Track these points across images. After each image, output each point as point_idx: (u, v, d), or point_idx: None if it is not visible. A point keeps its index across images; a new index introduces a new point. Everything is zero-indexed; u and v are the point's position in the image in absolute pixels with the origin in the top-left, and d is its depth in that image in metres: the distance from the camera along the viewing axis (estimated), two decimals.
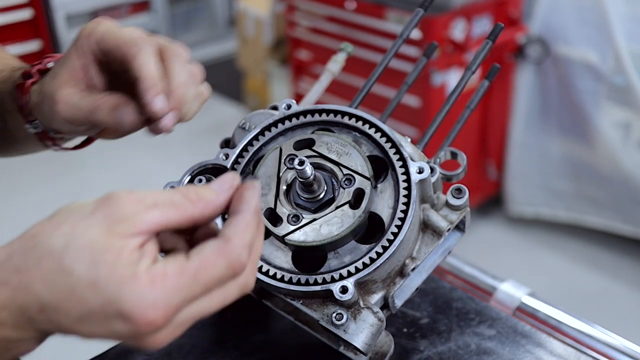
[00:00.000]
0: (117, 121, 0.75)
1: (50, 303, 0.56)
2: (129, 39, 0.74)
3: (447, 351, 0.93)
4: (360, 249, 0.78)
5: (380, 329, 0.78)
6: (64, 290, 0.55)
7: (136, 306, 0.54)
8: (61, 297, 0.55)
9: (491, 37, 0.92)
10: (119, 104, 0.75)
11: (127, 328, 0.55)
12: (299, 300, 0.79)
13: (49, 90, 0.79)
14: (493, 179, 3.55)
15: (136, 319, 0.54)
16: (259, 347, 0.96)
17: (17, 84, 0.87)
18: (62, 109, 0.78)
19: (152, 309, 0.54)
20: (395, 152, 0.82)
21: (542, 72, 3.24)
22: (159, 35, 0.79)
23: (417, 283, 0.86)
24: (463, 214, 0.84)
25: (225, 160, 0.84)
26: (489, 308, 1.02)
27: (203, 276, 0.57)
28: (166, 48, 0.76)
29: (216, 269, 0.57)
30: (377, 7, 3.10)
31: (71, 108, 0.77)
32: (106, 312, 0.55)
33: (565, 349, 0.95)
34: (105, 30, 0.76)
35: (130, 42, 0.74)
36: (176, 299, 0.55)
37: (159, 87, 0.72)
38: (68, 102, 0.77)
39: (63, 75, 0.78)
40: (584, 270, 3.25)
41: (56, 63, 0.82)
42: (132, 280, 0.54)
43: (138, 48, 0.73)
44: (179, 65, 0.75)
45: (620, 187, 3.17)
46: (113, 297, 0.54)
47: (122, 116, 0.74)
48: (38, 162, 4.17)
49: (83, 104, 0.77)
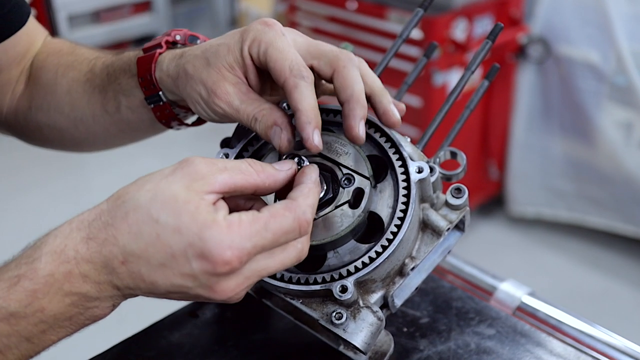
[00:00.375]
0: (270, 139, 0.76)
1: (136, 251, 0.62)
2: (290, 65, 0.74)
3: (446, 350, 0.93)
4: (359, 249, 0.79)
5: (380, 328, 0.78)
6: (149, 237, 0.62)
7: (215, 246, 0.61)
8: (147, 244, 0.62)
9: (491, 37, 0.92)
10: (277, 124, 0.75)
11: (206, 267, 0.62)
12: (298, 300, 0.79)
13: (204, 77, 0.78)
14: (494, 179, 3.55)
15: (215, 258, 0.61)
16: (259, 346, 0.96)
17: (139, 57, 0.88)
18: (220, 105, 0.78)
19: (229, 250, 0.61)
20: (394, 152, 0.82)
21: (544, 72, 3.24)
22: None
23: (416, 282, 0.86)
24: (463, 213, 0.84)
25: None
26: (488, 307, 1.02)
27: (272, 225, 0.64)
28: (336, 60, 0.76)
29: (285, 220, 0.65)
30: (378, 7, 3.10)
31: (230, 108, 0.77)
32: (187, 254, 0.62)
33: (565, 349, 0.95)
34: (270, 43, 0.75)
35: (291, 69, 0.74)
36: (249, 243, 0.63)
37: (314, 124, 0.73)
38: (229, 102, 0.77)
39: (220, 68, 0.77)
40: (585, 270, 3.25)
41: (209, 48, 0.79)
42: (212, 225, 0.62)
43: (296, 80, 0.73)
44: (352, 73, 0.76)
45: (621, 187, 3.17)
46: (195, 239, 0.61)
47: (275, 137, 0.76)
48: (38, 162, 4.19)
49: (244, 109, 0.77)
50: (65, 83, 0.99)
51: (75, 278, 0.63)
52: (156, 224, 0.62)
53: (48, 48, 1.07)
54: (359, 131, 0.75)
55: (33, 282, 0.62)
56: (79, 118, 1.00)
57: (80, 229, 0.64)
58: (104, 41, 4.92)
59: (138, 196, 0.64)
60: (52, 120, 1.03)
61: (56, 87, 1.00)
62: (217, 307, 1.04)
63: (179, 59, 0.83)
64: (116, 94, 0.94)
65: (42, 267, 0.62)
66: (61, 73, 1.00)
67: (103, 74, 0.95)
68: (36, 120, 1.05)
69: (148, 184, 0.65)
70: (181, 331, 1.00)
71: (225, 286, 0.64)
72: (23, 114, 1.06)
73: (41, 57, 1.05)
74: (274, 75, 0.75)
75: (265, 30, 0.76)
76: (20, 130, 1.10)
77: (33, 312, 0.62)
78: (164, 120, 0.92)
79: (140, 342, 0.99)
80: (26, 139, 1.12)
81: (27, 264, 0.63)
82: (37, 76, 1.04)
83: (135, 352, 0.97)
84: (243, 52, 0.77)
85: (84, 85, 0.97)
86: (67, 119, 1.01)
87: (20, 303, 0.62)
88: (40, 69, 1.04)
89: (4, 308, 0.61)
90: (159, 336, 0.99)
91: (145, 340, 0.99)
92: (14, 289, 0.62)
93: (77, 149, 1.12)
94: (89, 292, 0.64)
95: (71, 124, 1.01)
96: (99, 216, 0.65)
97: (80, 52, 1.03)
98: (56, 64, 1.02)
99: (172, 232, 0.62)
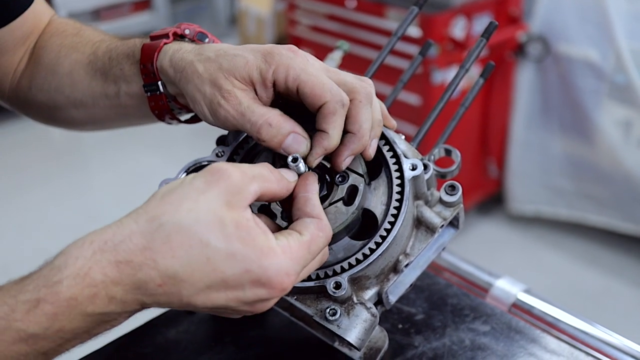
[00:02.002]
0: (287, 146, 0.75)
1: (180, 274, 0.62)
2: (323, 92, 0.74)
3: (441, 347, 0.94)
4: (353, 245, 0.79)
5: (374, 325, 0.79)
6: (198, 261, 0.62)
7: (276, 274, 0.63)
8: (194, 268, 0.62)
9: (485, 34, 0.93)
10: (297, 132, 0.75)
11: (262, 293, 0.64)
12: (293, 296, 0.80)
13: (214, 78, 0.77)
14: (494, 177, 3.55)
15: (274, 285, 0.64)
16: (255, 342, 0.97)
17: (145, 44, 0.87)
18: (226, 107, 0.76)
19: (287, 276, 0.64)
20: (388, 149, 0.82)
21: (543, 71, 3.24)
22: (344, 74, 0.79)
23: (411, 279, 0.87)
24: (457, 210, 0.85)
25: (220, 157, 0.85)
26: (483, 304, 1.03)
27: (313, 247, 0.69)
28: (355, 92, 0.77)
29: (321, 240, 0.70)
30: (377, 5, 3.10)
31: (236, 111, 0.76)
32: (242, 280, 0.63)
33: (559, 345, 0.96)
34: (302, 70, 0.75)
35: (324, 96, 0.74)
36: (299, 267, 0.66)
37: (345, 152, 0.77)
38: (236, 105, 0.76)
39: (234, 77, 0.76)
40: (584, 268, 3.25)
41: (219, 52, 0.79)
42: (270, 253, 0.64)
43: (331, 108, 0.74)
44: (365, 111, 0.77)
45: (621, 185, 3.17)
46: (254, 266, 0.63)
47: (295, 144, 0.75)
48: (38, 162, 4.20)
49: (254, 113, 0.75)
50: (68, 64, 0.99)
51: (100, 300, 0.61)
52: (206, 247, 0.62)
53: (52, 28, 1.06)
54: (342, 163, 0.77)
55: (54, 306, 0.60)
56: (78, 99, 0.99)
57: (105, 251, 0.61)
58: None
59: (179, 218, 0.62)
60: (52, 100, 1.02)
61: (58, 67, 1.00)
62: None
63: (188, 54, 0.82)
64: (117, 79, 0.93)
65: (64, 290, 0.60)
66: (64, 54, 1.00)
67: (105, 58, 0.94)
68: (36, 100, 1.04)
69: (186, 203, 0.63)
70: (178, 327, 1.00)
71: (269, 304, 0.67)
72: (24, 93, 1.05)
73: (45, 37, 1.05)
74: (311, 99, 0.75)
75: (292, 57, 0.76)
76: (22, 107, 1.10)
77: (53, 333, 0.61)
78: (157, 111, 0.91)
79: (136, 339, 0.99)
80: (29, 115, 1.12)
81: (46, 287, 0.60)
82: (39, 55, 1.03)
83: (132, 348, 0.98)
84: (266, 73, 0.76)
85: (86, 68, 0.97)
86: (67, 99, 1.00)
87: (40, 325, 0.60)
88: (42, 48, 1.03)
89: (23, 330, 0.60)
90: (156, 332, 1.00)
91: (142, 336, 0.99)
92: (34, 312, 0.60)
93: (76, 128, 1.11)
94: (113, 310, 0.62)
95: (71, 104, 1.00)
96: (128, 237, 0.62)
97: (85, 33, 1.02)
98: (59, 44, 1.01)
99: (226, 257, 0.62)
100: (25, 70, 1.05)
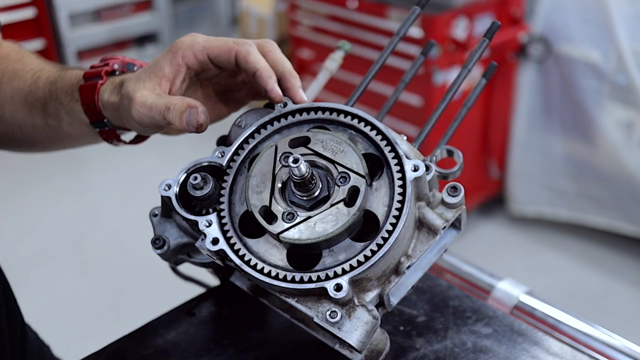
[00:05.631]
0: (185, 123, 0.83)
1: None
2: (233, 43, 0.86)
3: (443, 349, 0.93)
4: (355, 247, 0.78)
5: (375, 327, 0.78)
6: None
7: None
8: None
9: (488, 35, 0.92)
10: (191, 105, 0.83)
11: None
12: (294, 298, 0.79)
13: (130, 91, 0.86)
14: (495, 178, 3.55)
15: None
16: (255, 344, 0.96)
17: (82, 86, 0.94)
18: (137, 109, 0.85)
19: None
20: (390, 150, 0.81)
21: (545, 71, 3.24)
22: None
23: (413, 281, 0.86)
24: (459, 212, 0.84)
25: (221, 158, 0.84)
26: (485, 306, 1.02)
27: None
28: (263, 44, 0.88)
29: None
30: (379, 5, 3.10)
31: (144, 107, 0.84)
32: None
33: (561, 347, 0.95)
34: (206, 40, 0.87)
35: (236, 45, 0.86)
36: None
37: (274, 77, 0.85)
38: (144, 102, 0.84)
39: (151, 79, 0.86)
40: (586, 269, 3.25)
41: (142, 69, 0.89)
42: None
43: (246, 48, 0.85)
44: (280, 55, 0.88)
45: (622, 187, 3.17)
46: None
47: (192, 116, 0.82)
48: (38, 162, 4.19)
49: (158, 102, 0.84)
50: (9, 90, 1.03)
51: None
52: None
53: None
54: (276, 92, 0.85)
55: None
56: (17, 125, 1.04)
57: None
58: (105, 40, 4.92)
59: None
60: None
61: None
62: (214, 306, 1.04)
63: (120, 89, 0.90)
64: (58, 111, 0.99)
65: None
66: (7, 80, 1.03)
67: (46, 90, 1.00)
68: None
69: None
70: (177, 329, 1.00)
71: None
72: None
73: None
74: (222, 55, 0.85)
75: (192, 37, 0.87)
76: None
77: None
78: (109, 139, 0.99)
79: (136, 341, 0.98)
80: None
81: None
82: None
83: (132, 350, 0.97)
84: (175, 59, 0.86)
85: (26, 96, 1.01)
86: (7, 124, 1.05)
87: None
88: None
89: None
90: (155, 334, 0.99)
91: (142, 338, 0.99)
92: None
93: (17, 151, 1.16)
94: None
95: (9, 129, 1.05)
96: None
97: (27, 60, 1.06)
98: (2, 69, 1.04)
99: None
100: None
